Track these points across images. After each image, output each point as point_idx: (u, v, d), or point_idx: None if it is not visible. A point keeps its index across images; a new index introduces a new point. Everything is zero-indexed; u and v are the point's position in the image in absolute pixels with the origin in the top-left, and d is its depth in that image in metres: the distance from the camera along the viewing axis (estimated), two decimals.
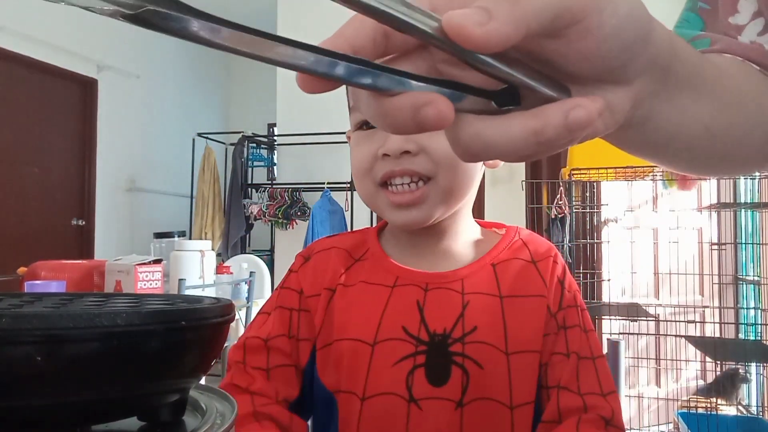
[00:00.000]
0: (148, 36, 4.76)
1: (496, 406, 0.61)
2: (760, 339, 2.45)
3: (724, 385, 2.30)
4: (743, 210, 2.79)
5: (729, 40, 0.44)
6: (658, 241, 2.86)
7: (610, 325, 2.48)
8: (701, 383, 2.75)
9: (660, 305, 2.74)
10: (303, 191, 4.59)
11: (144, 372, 0.32)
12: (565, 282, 0.67)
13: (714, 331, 2.84)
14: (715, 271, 2.67)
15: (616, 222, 2.80)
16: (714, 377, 2.42)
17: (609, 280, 2.70)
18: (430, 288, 0.66)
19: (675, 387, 2.86)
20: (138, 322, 0.30)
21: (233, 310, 0.37)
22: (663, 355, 2.74)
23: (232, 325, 0.41)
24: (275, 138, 5.29)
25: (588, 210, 2.72)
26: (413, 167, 0.63)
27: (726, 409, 2.26)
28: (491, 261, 0.68)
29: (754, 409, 2.53)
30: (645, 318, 2.36)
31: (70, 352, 0.28)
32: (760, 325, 2.56)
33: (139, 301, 0.40)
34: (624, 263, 2.76)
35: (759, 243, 2.65)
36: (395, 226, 0.69)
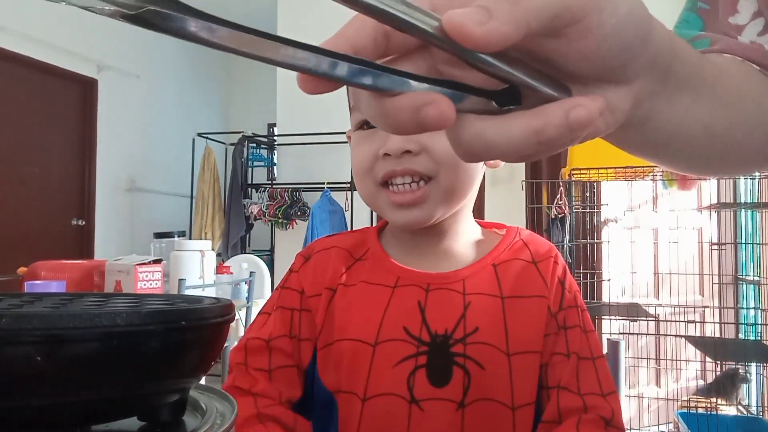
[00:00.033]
0: (148, 36, 4.76)
1: (497, 406, 0.61)
2: (760, 339, 2.45)
3: (724, 385, 2.30)
4: (743, 210, 2.79)
5: (729, 40, 0.44)
6: (658, 241, 2.86)
7: (610, 325, 2.48)
8: (701, 383, 2.76)
9: (660, 305, 2.74)
10: (303, 191, 4.59)
11: (144, 372, 0.32)
12: (565, 282, 0.67)
13: (714, 331, 2.84)
14: (715, 271, 2.67)
15: (616, 222, 2.80)
16: (714, 377, 2.42)
17: (609, 280, 2.70)
18: (432, 288, 0.66)
19: (675, 387, 2.86)
20: (138, 322, 0.30)
21: (233, 310, 0.37)
22: (663, 355, 2.74)
23: (232, 325, 0.41)
24: (275, 138, 5.29)
25: (588, 210, 2.72)
26: (414, 167, 0.63)
27: (726, 409, 2.26)
28: (492, 261, 0.68)
29: (754, 409, 2.53)
30: (645, 318, 2.36)
31: (70, 352, 0.28)
32: (760, 325, 2.56)
33: (139, 301, 0.40)
34: (624, 263, 2.76)
35: (759, 243, 2.65)
36: (396, 225, 0.69)
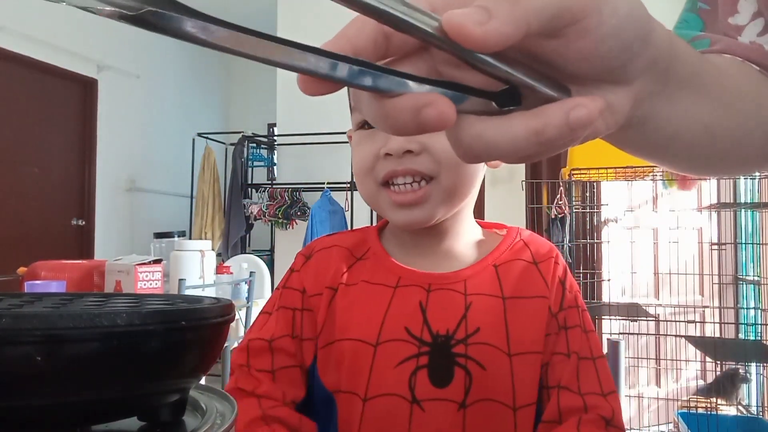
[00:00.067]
0: (148, 36, 4.75)
1: (498, 407, 0.61)
2: (760, 339, 2.45)
3: (724, 385, 2.30)
4: (743, 210, 2.79)
5: (729, 40, 0.44)
6: (658, 241, 2.86)
7: (610, 325, 2.48)
8: (701, 383, 2.76)
9: (660, 305, 2.74)
10: (303, 191, 4.59)
11: (144, 372, 0.32)
12: (566, 283, 0.67)
13: (714, 331, 2.84)
14: (715, 271, 2.67)
15: (616, 222, 2.80)
16: (714, 377, 2.42)
17: (609, 280, 2.70)
18: (433, 289, 0.65)
19: (675, 387, 2.86)
20: (138, 322, 0.30)
21: (233, 310, 0.37)
22: (663, 355, 2.74)
23: (232, 325, 0.41)
24: (275, 138, 5.29)
25: (588, 210, 2.72)
26: (415, 167, 0.63)
27: (726, 409, 2.26)
28: (493, 262, 0.68)
29: (754, 409, 2.53)
30: (645, 318, 2.36)
31: (70, 352, 0.28)
32: (760, 325, 2.56)
33: (139, 301, 0.40)
34: (624, 263, 2.76)
35: (759, 243, 2.65)
36: (397, 225, 0.69)
